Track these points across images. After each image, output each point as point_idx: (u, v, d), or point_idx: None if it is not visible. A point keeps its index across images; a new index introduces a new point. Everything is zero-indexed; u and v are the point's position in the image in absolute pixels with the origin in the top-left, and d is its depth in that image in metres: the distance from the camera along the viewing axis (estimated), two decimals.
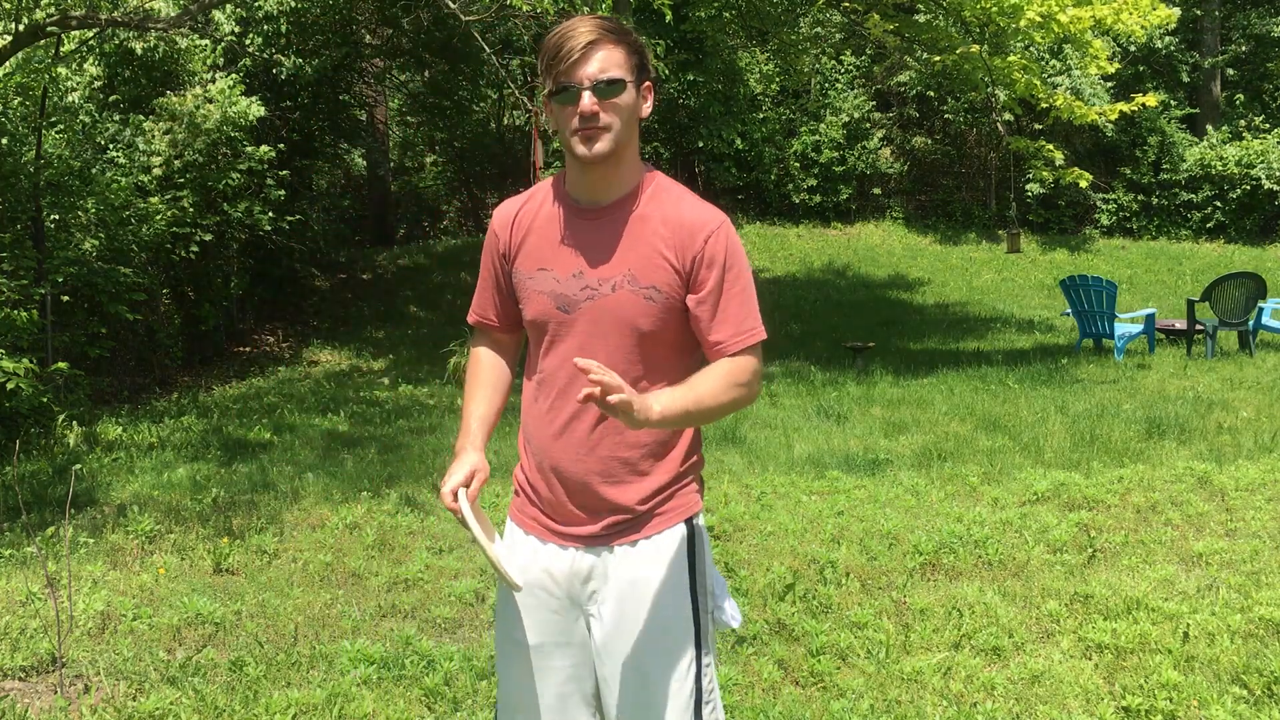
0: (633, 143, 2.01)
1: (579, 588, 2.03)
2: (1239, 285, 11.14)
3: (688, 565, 2.02)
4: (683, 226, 1.98)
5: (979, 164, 23.82)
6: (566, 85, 1.90)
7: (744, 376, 2.01)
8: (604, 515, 2.01)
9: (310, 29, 15.33)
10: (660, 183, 2.05)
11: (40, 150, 9.59)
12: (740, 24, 17.23)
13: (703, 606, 2.04)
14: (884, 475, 6.22)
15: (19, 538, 5.15)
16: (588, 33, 1.90)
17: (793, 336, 14.73)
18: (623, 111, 1.94)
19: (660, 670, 1.98)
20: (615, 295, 1.96)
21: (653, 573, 1.99)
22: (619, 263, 1.97)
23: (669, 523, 2.02)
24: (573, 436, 2.01)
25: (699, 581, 2.03)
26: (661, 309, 1.97)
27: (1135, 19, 12.42)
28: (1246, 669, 3.45)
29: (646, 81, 2.00)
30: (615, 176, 1.99)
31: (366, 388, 10.98)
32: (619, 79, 1.91)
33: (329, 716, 3.30)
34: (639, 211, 2.00)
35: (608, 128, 1.92)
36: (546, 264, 2.01)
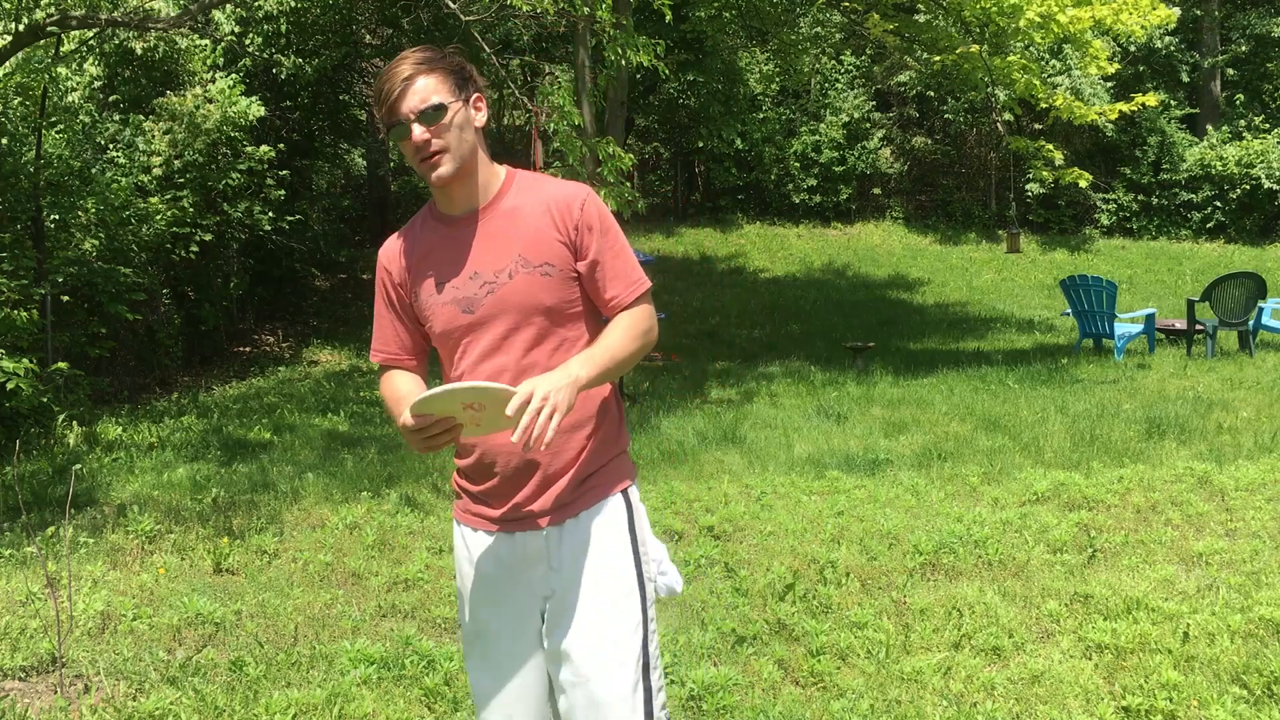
0: (476, 152, 2.13)
1: (529, 570, 2.14)
2: (1239, 285, 11.14)
3: (628, 532, 2.15)
4: (556, 202, 2.13)
5: (979, 164, 23.82)
6: (395, 122, 2.06)
7: (644, 324, 2.15)
8: (544, 498, 2.12)
9: (310, 29, 15.33)
10: (522, 177, 2.19)
11: (40, 150, 9.60)
12: (740, 24, 17.24)
13: (646, 573, 2.16)
14: (884, 475, 6.22)
15: (19, 538, 5.15)
16: (404, 69, 2.06)
17: (793, 336, 14.73)
18: (453, 130, 2.07)
19: (611, 635, 2.08)
20: (514, 281, 2.09)
21: (596, 542, 2.12)
22: (507, 252, 2.10)
23: (605, 494, 2.15)
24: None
25: (639, 549, 2.16)
26: (559, 281, 2.11)
27: (1135, 19, 12.43)
28: (1246, 669, 3.45)
29: (475, 94, 2.12)
30: (474, 185, 2.13)
31: (366, 388, 10.98)
32: (440, 103, 2.05)
33: (329, 716, 3.30)
34: (510, 204, 2.14)
35: (444, 149, 2.06)
36: (441, 277, 2.14)
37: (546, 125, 9.35)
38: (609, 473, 2.17)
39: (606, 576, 2.11)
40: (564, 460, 2.12)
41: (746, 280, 19.33)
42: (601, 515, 2.14)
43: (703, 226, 23.00)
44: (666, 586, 2.24)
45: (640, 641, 2.11)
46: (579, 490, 2.13)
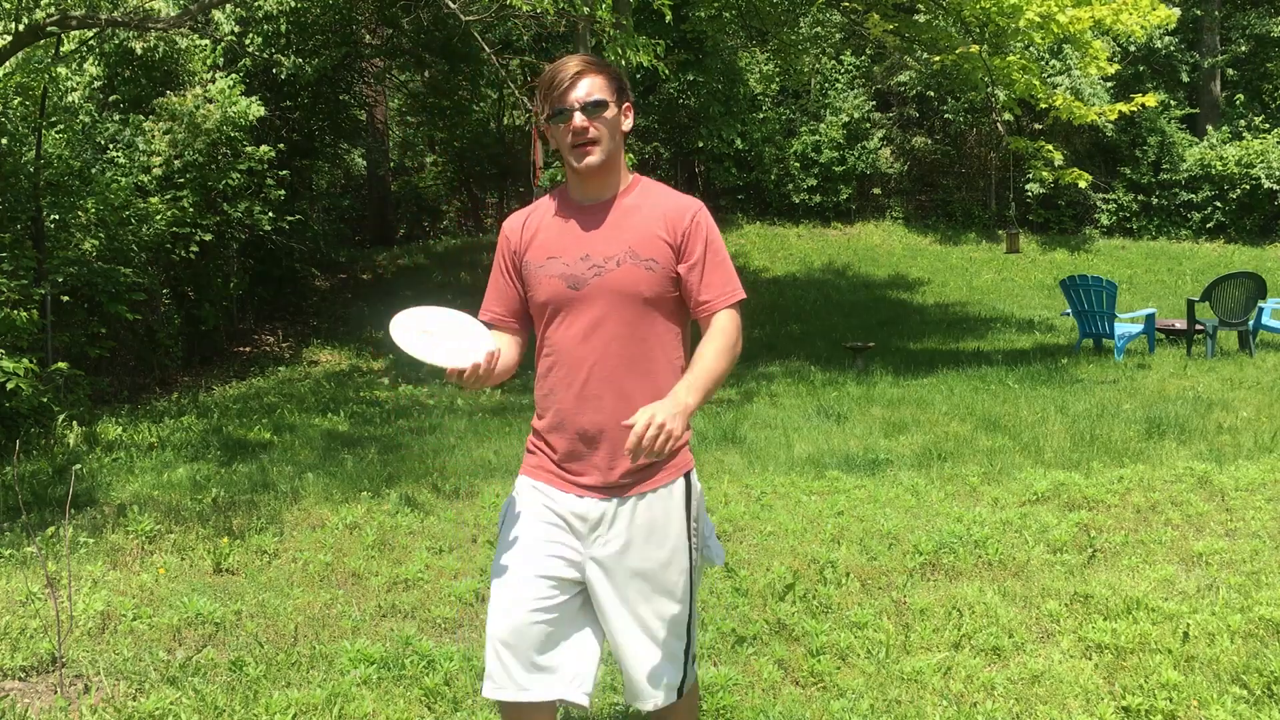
0: (619, 152, 2.41)
1: (585, 529, 2.39)
2: (1239, 285, 11.14)
3: (685, 512, 2.43)
4: (671, 210, 2.39)
5: (979, 164, 23.82)
6: (561, 109, 2.32)
7: (732, 337, 2.37)
8: (618, 472, 2.37)
9: (310, 29, 15.33)
10: (646, 182, 2.45)
11: (40, 150, 9.60)
12: (740, 24, 17.23)
13: (696, 547, 2.46)
14: (884, 475, 6.22)
15: (19, 538, 5.15)
16: (575, 65, 2.33)
17: (793, 336, 14.74)
18: (608, 125, 2.34)
19: (665, 597, 2.40)
20: (620, 269, 2.34)
21: (658, 518, 2.39)
22: (620, 242, 2.35)
23: (671, 477, 2.41)
24: (586, 397, 2.37)
25: (691, 526, 2.44)
26: (660, 277, 2.36)
27: (1135, 19, 12.42)
28: (1246, 669, 3.45)
29: (626, 102, 2.41)
30: (609, 180, 2.40)
31: (366, 388, 10.98)
32: (603, 100, 2.33)
33: (329, 716, 3.30)
34: (631, 202, 2.40)
35: (596, 140, 2.33)
36: (555, 253, 2.38)
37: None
38: (674, 458, 2.41)
39: (664, 550, 2.39)
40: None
41: (746, 280, 19.16)
42: (665, 497, 2.40)
43: None
44: (710, 558, 2.55)
45: (688, 605, 2.43)
46: (647, 470, 2.38)
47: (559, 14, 9.51)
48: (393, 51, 18.30)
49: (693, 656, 2.48)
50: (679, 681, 2.45)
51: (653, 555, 2.38)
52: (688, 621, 2.44)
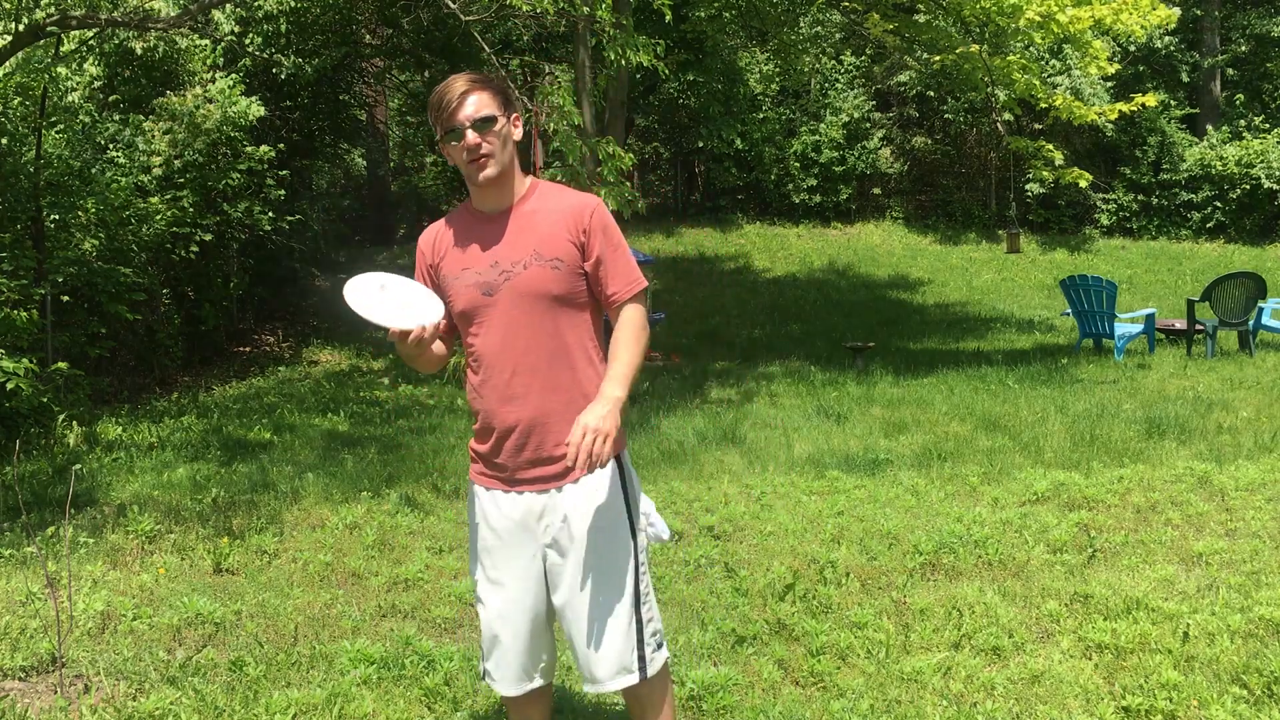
0: (513, 161, 2.53)
1: (534, 525, 2.53)
2: (1239, 285, 11.14)
3: (621, 491, 2.54)
4: (570, 209, 2.52)
5: (979, 164, 23.82)
6: (452, 127, 2.44)
7: (640, 321, 2.52)
8: (548, 462, 2.50)
9: (310, 29, 15.32)
10: (543, 186, 2.58)
11: (40, 150, 9.59)
12: (740, 24, 17.23)
13: (638, 525, 2.57)
14: (884, 475, 6.22)
15: (19, 538, 5.15)
16: (461, 85, 2.45)
17: (793, 336, 14.73)
18: (499, 138, 2.47)
19: (609, 575, 2.50)
20: (528, 271, 2.47)
21: (595, 501, 2.50)
22: (524, 246, 2.49)
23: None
24: (512, 396, 2.50)
25: (632, 504, 2.56)
26: (566, 274, 2.49)
27: (1135, 19, 12.41)
28: (1246, 669, 3.45)
29: (514, 113, 2.54)
30: (506, 189, 2.53)
31: (366, 388, 10.98)
32: (491, 115, 2.46)
33: (329, 716, 3.30)
34: (531, 207, 2.53)
35: (490, 154, 2.46)
36: (467, 264, 2.52)
37: (546, 125, 9.34)
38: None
39: (603, 530, 2.49)
40: (563, 427, 2.47)
41: (746, 280, 19.33)
42: (598, 479, 2.51)
43: (703, 226, 22.99)
44: (655, 535, 2.63)
45: (633, 582, 2.52)
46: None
47: (559, 14, 9.50)
48: (393, 51, 18.29)
49: (653, 639, 2.55)
50: (634, 662, 2.51)
51: (594, 537, 2.48)
52: (635, 599, 2.52)
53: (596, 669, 2.51)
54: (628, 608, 2.50)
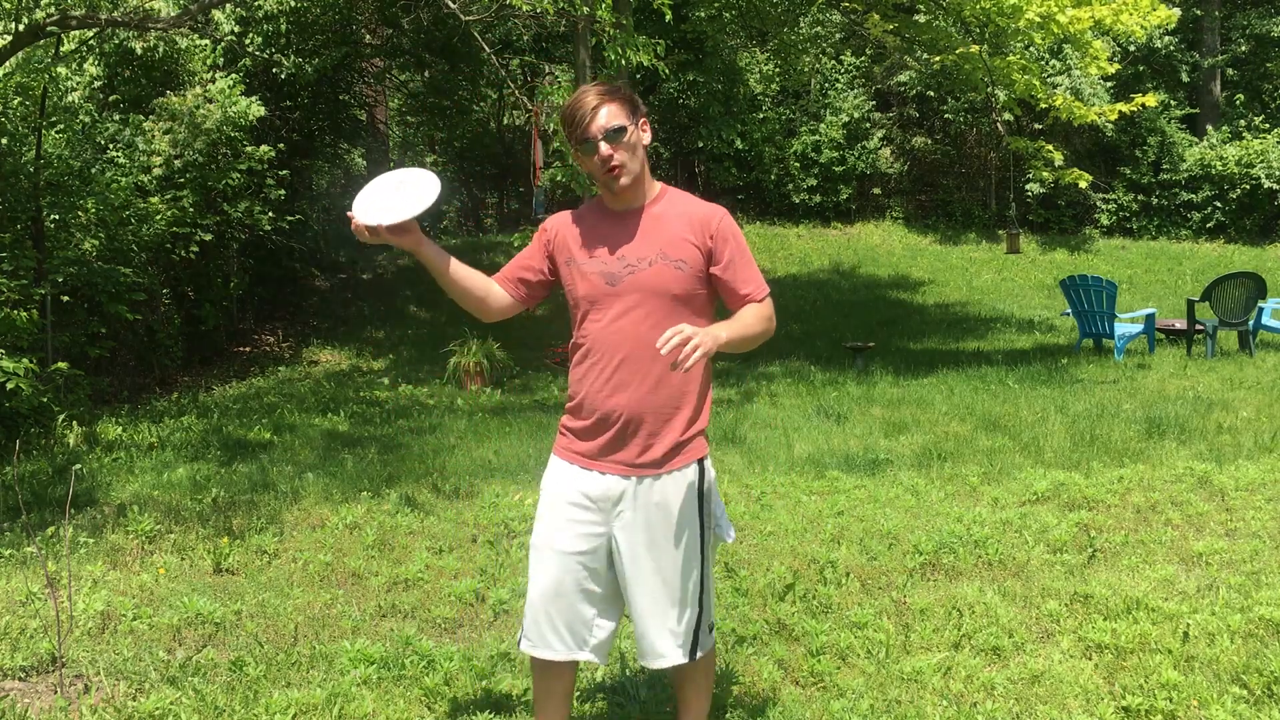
0: (644, 166, 2.67)
1: (609, 508, 2.69)
2: (1239, 285, 11.14)
3: (698, 494, 2.71)
4: (696, 217, 2.69)
5: (979, 164, 23.81)
6: (587, 139, 2.59)
7: (768, 312, 2.71)
8: (637, 451, 2.66)
9: (310, 29, 15.32)
10: (672, 192, 2.75)
11: (40, 150, 9.59)
12: (740, 24, 17.23)
13: (707, 525, 2.74)
14: (884, 475, 6.21)
15: (19, 538, 5.15)
16: (594, 98, 2.59)
17: (793, 336, 14.73)
18: (631, 148, 2.62)
19: (678, 568, 2.68)
20: (652, 268, 2.63)
21: (672, 497, 2.68)
22: (652, 245, 2.65)
23: (685, 462, 2.70)
24: (617, 383, 2.65)
25: (705, 507, 2.74)
26: (688, 276, 2.66)
27: (1135, 19, 12.41)
28: (1246, 669, 3.45)
29: (642, 119, 2.67)
30: (638, 191, 2.69)
31: (366, 388, 10.98)
32: (622, 125, 2.60)
33: (329, 716, 3.30)
34: (660, 210, 2.70)
35: (623, 164, 2.61)
36: (596, 253, 2.69)
37: (546, 125, 9.34)
38: (689, 447, 2.70)
39: (677, 523, 2.67)
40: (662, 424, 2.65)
41: None
42: (679, 480, 2.68)
43: None
44: (721, 535, 2.82)
45: (699, 575, 2.72)
46: (668, 454, 2.67)
47: (559, 14, 9.51)
48: (393, 51, 18.28)
49: (707, 625, 2.76)
50: (690, 645, 2.73)
51: (668, 530, 2.66)
52: (700, 590, 2.72)
53: (654, 648, 2.71)
54: (694, 599, 2.71)
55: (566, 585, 2.71)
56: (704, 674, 2.87)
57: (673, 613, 2.69)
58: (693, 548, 2.70)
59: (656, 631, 2.70)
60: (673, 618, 2.69)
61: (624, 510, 2.68)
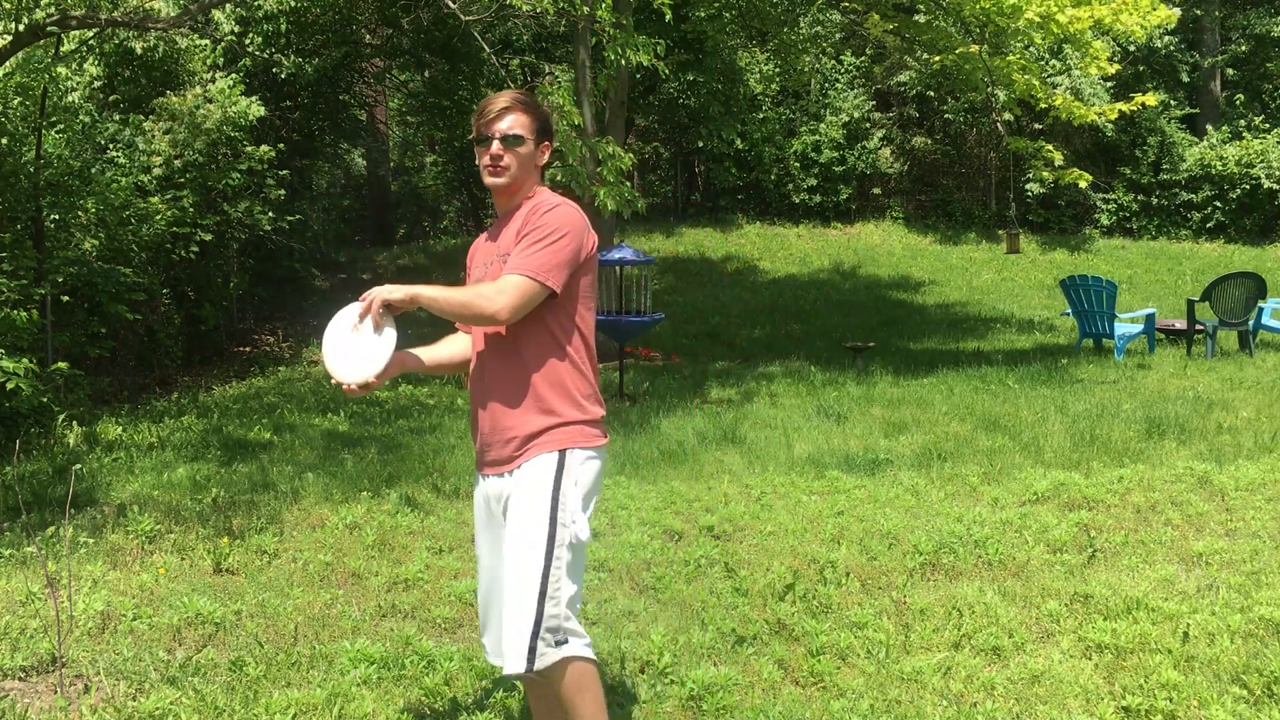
0: (527, 179, 2.75)
1: (496, 506, 2.75)
2: (1239, 285, 11.14)
3: (554, 482, 2.64)
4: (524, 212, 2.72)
5: (979, 164, 23.81)
6: (484, 135, 2.72)
7: (486, 290, 2.60)
8: (504, 448, 2.70)
9: (310, 29, 15.33)
10: (543, 194, 2.76)
11: (40, 150, 9.59)
12: (740, 24, 17.23)
13: (561, 519, 2.61)
14: (884, 475, 6.21)
15: (19, 538, 5.15)
16: (504, 101, 2.71)
17: (793, 336, 14.73)
18: (520, 158, 2.72)
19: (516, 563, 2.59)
20: (491, 269, 2.73)
21: (525, 484, 2.65)
22: (499, 246, 2.75)
23: (545, 449, 2.66)
24: (481, 386, 2.75)
25: (559, 500, 2.63)
26: None
27: (1135, 19, 12.41)
28: (1246, 669, 3.45)
29: (546, 142, 2.78)
30: (511, 197, 2.78)
31: None
32: (521, 135, 2.71)
33: (329, 716, 3.30)
34: (520, 211, 2.75)
35: (506, 167, 2.71)
36: (479, 260, 2.84)
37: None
38: (553, 436, 2.67)
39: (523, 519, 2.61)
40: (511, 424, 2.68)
41: (746, 280, 19.33)
42: (536, 466, 2.65)
43: (703, 226, 22.99)
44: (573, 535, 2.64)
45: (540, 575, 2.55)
46: (523, 448, 2.67)
47: (559, 14, 9.50)
48: (393, 51, 18.29)
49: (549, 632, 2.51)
50: (525, 651, 2.50)
51: (514, 522, 2.63)
52: (541, 590, 2.53)
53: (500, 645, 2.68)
54: (531, 599, 2.53)
55: (488, 590, 2.79)
56: (566, 692, 2.55)
57: (509, 612, 2.56)
58: (535, 542, 2.56)
59: (500, 627, 2.66)
60: (509, 618, 2.56)
61: (500, 506, 2.73)
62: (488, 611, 2.79)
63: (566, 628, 2.54)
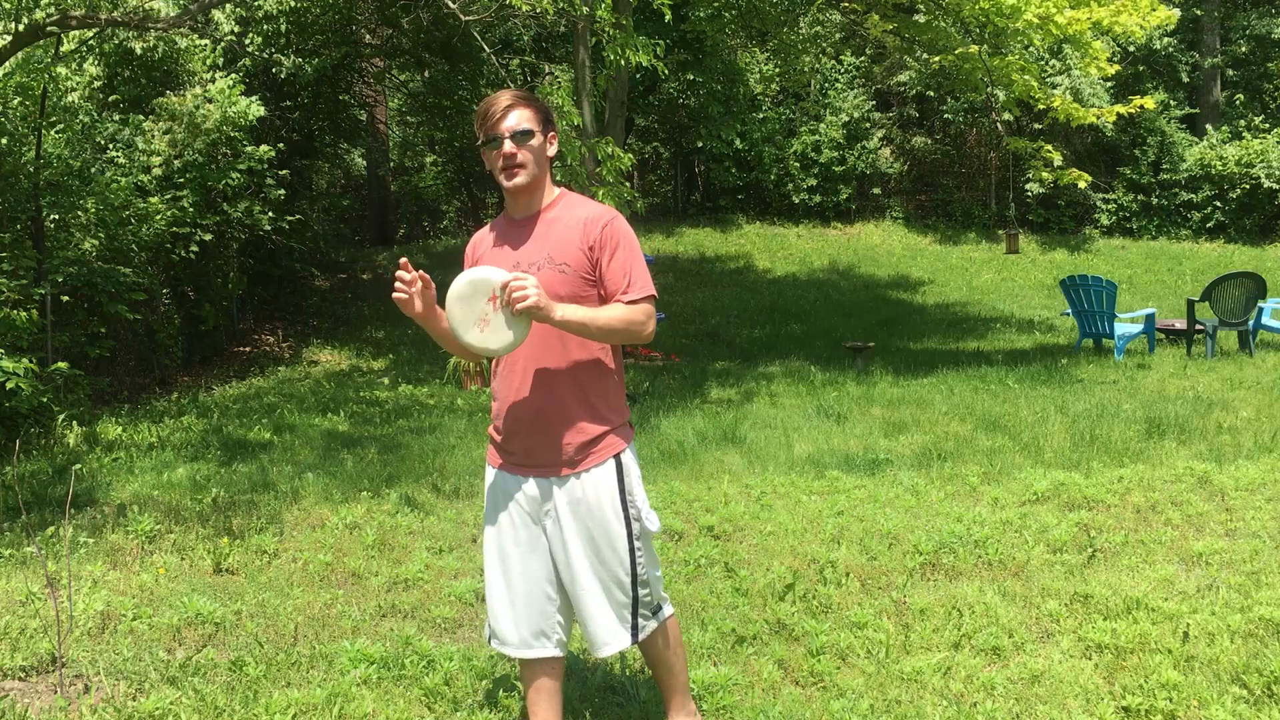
0: (544, 174, 2.76)
1: (536, 507, 2.80)
2: (1239, 285, 11.14)
3: (618, 488, 2.79)
4: (586, 218, 2.73)
5: (979, 164, 23.82)
6: (493, 136, 2.69)
7: (636, 316, 2.70)
8: (550, 453, 2.75)
9: (310, 29, 15.33)
10: (569, 197, 2.80)
11: (40, 150, 9.59)
12: (740, 24, 17.23)
13: (632, 516, 2.82)
14: (884, 475, 6.21)
15: (19, 538, 5.15)
16: (507, 99, 2.71)
17: (793, 336, 14.73)
18: (534, 152, 2.71)
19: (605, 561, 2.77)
20: (540, 274, 2.67)
21: (592, 495, 2.77)
22: (540, 249, 2.72)
23: (600, 459, 2.78)
24: (521, 388, 2.75)
25: (627, 499, 2.81)
26: (572, 279, 2.69)
27: (1134, 20, 12.41)
28: (1246, 669, 3.45)
29: (552, 132, 2.78)
30: (534, 197, 2.78)
31: (366, 388, 10.98)
32: (530, 129, 2.70)
33: (329, 716, 3.30)
34: (554, 215, 2.77)
35: (523, 165, 2.70)
36: (499, 261, 2.75)
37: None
38: (603, 444, 2.78)
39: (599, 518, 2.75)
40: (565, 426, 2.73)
41: (746, 280, 19.33)
42: (599, 473, 2.76)
43: (703, 226, 22.99)
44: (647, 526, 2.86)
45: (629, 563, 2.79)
46: (582, 454, 2.75)
47: (559, 14, 9.51)
48: (393, 51, 18.29)
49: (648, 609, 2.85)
50: (629, 632, 2.82)
51: (592, 525, 2.75)
52: (632, 579, 2.80)
53: (595, 638, 2.80)
54: (627, 588, 2.79)
55: (515, 585, 2.82)
56: (663, 649, 2.93)
57: (605, 602, 2.77)
58: (618, 540, 2.77)
59: (595, 622, 2.78)
60: (606, 607, 2.77)
61: (550, 509, 2.77)
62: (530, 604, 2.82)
63: (660, 598, 2.90)
